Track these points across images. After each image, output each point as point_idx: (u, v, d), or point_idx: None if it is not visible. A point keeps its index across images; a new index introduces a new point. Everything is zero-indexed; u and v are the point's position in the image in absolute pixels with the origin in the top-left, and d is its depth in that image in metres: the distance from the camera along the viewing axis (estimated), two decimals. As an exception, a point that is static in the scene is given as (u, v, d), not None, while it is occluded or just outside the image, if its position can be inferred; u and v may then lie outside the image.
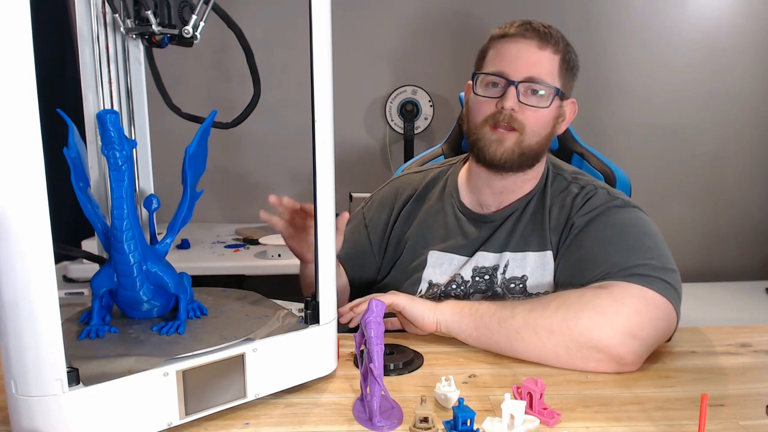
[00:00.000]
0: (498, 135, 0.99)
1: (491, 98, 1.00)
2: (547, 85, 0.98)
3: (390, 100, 2.55)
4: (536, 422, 0.67)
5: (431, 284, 1.08)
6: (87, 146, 0.79)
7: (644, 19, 2.57)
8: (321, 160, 0.73)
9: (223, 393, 0.69)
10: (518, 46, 0.99)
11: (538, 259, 1.02)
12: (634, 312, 0.83)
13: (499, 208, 1.08)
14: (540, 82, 0.98)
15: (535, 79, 0.98)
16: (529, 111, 0.98)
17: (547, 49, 0.99)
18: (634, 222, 0.97)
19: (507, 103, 0.97)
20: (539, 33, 0.99)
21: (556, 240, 1.01)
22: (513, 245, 1.04)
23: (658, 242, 0.94)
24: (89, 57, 0.78)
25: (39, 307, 0.55)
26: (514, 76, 0.98)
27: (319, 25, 0.70)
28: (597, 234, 0.96)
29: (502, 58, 1.00)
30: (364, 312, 0.70)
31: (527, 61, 0.98)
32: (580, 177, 1.08)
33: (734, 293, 2.38)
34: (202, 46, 0.80)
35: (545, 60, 0.99)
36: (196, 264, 1.96)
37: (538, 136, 1.00)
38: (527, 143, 0.99)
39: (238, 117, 0.78)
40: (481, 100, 1.01)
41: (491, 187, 1.07)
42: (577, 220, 0.99)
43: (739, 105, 2.62)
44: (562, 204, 1.03)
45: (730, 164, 2.66)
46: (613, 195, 1.01)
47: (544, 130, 1.01)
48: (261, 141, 2.59)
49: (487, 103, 1.00)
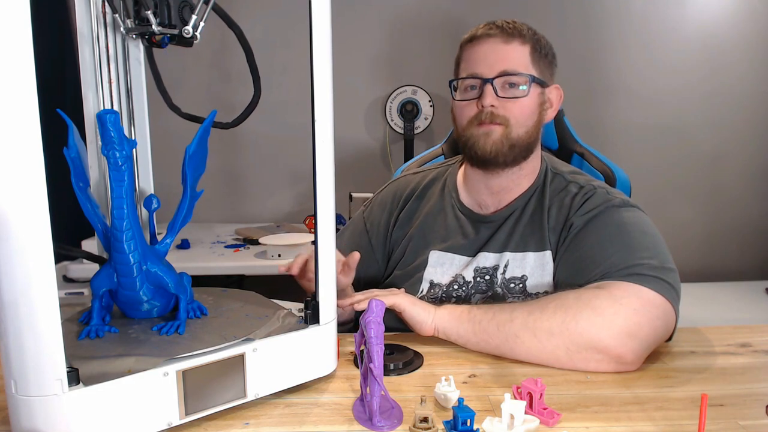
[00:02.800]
0: (484, 129, 1.01)
1: (471, 100, 1.02)
2: (521, 74, 1.00)
3: (390, 100, 2.55)
4: (536, 422, 0.67)
5: (432, 284, 1.08)
6: (87, 146, 0.79)
7: (644, 19, 2.57)
8: (321, 160, 0.73)
9: (223, 393, 0.69)
10: (485, 46, 1.02)
11: (538, 259, 1.02)
12: (632, 312, 0.83)
13: (497, 209, 1.08)
14: (513, 74, 1.00)
15: (507, 71, 1.00)
16: (510, 103, 1.00)
17: (513, 42, 1.01)
18: (632, 221, 0.97)
19: (486, 101, 0.99)
20: (503, 29, 1.01)
21: (555, 240, 1.02)
22: (513, 245, 1.04)
23: (656, 241, 0.94)
24: (89, 57, 0.78)
25: (39, 307, 0.55)
26: (487, 74, 1.00)
27: (319, 25, 0.70)
28: (596, 234, 0.97)
29: (473, 60, 1.02)
30: (364, 312, 0.70)
31: (496, 57, 1.00)
32: (579, 176, 1.08)
33: (734, 293, 2.38)
34: (202, 46, 0.80)
35: (514, 52, 1.01)
36: (196, 264, 1.96)
37: (525, 126, 1.02)
38: (515, 134, 1.01)
39: (238, 117, 0.78)
40: (463, 104, 1.04)
41: (488, 187, 1.08)
42: (576, 220, 0.99)
43: (738, 105, 2.62)
44: (560, 204, 1.04)
45: (729, 164, 2.66)
46: (612, 194, 1.01)
47: (529, 120, 1.02)
48: (261, 141, 2.59)
49: (469, 106, 1.03)
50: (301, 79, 0.88)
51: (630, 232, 0.95)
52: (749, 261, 2.71)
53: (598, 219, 0.98)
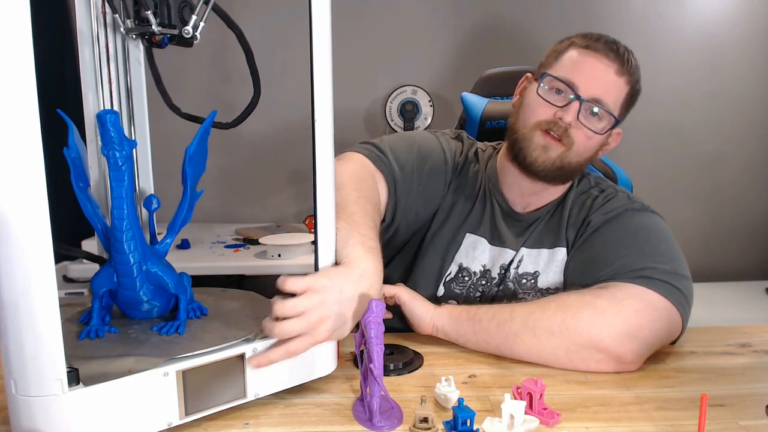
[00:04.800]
0: (546, 141, 0.96)
1: (550, 104, 0.96)
2: (610, 112, 0.96)
3: (390, 100, 2.55)
4: (536, 422, 0.67)
5: (461, 268, 1.06)
6: (87, 146, 0.79)
7: (644, 19, 2.57)
8: (321, 160, 0.72)
9: (223, 393, 0.69)
10: (598, 64, 0.96)
11: (551, 256, 1.02)
12: (632, 313, 0.83)
13: (525, 209, 1.07)
14: (605, 108, 0.95)
15: (601, 103, 0.95)
16: (583, 131, 0.96)
17: (623, 77, 0.97)
18: (650, 226, 0.97)
19: (567, 117, 0.94)
20: (622, 58, 0.96)
21: (572, 236, 1.01)
22: (530, 242, 1.04)
23: (671, 248, 0.93)
24: (89, 57, 0.78)
25: (39, 307, 0.55)
26: (583, 91, 0.94)
27: (319, 25, 0.70)
28: (611, 235, 0.96)
29: (578, 69, 0.96)
30: (364, 312, 0.70)
31: (602, 82, 0.95)
32: (602, 182, 1.08)
33: (734, 293, 2.38)
34: (202, 46, 0.80)
35: (618, 87, 0.97)
36: (196, 264, 1.95)
37: (581, 157, 0.99)
38: (569, 160, 0.97)
39: (238, 117, 0.78)
40: (541, 102, 0.97)
41: (520, 187, 1.05)
42: (594, 218, 0.99)
43: (739, 105, 2.61)
44: (582, 204, 1.04)
45: (730, 164, 2.66)
46: (633, 199, 1.02)
47: (588, 153, 0.99)
48: (261, 141, 2.59)
49: (546, 108, 0.97)
50: (301, 79, 0.88)
51: (646, 236, 0.95)
52: (749, 261, 2.70)
53: (616, 220, 0.98)
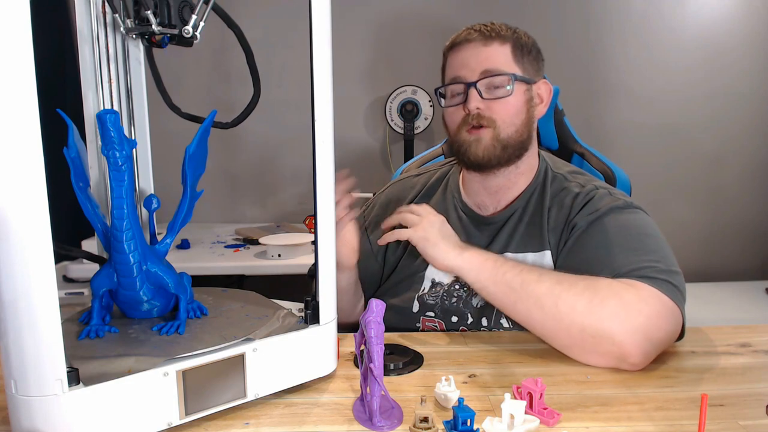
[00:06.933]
0: (473, 135, 1.01)
1: (458, 105, 1.02)
2: (503, 74, 1.00)
3: (390, 100, 2.55)
4: (536, 422, 0.67)
5: (434, 283, 1.08)
6: (87, 146, 0.79)
7: (644, 19, 2.57)
8: (321, 160, 0.73)
9: (223, 393, 0.69)
10: (466, 50, 1.02)
11: (537, 260, 1.02)
12: (654, 314, 0.83)
13: (497, 209, 1.09)
14: (495, 74, 1.00)
15: (489, 73, 1.00)
16: (495, 104, 1.00)
17: (492, 43, 1.01)
18: (636, 224, 0.97)
19: (471, 104, 1.00)
20: (481, 32, 1.02)
21: (555, 240, 1.01)
22: (514, 246, 1.04)
23: (660, 244, 0.94)
24: (89, 57, 0.78)
25: (39, 307, 0.55)
26: (469, 77, 1.00)
27: (319, 25, 0.70)
28: (600, 236, 0.96)
29: (455, 66, 1.03)
30: (364, 312, 0.70)
31: (477, 60, 1.01)
32: (579, 176, 1.08)
33: (734, 293, 2.38)
34: (202, 46, 0.80)
35: (494, 53, 1.01)
36: (196, 264, 1.95)
37: (514, 125, 1.01)
38: (504, 134, 1.01)
39: (238, 117, 0.78)
40: (451, 110, 1.04)
41: (486, 188, 1.08)
42: (579, 221, 0.99)
43: (739, 105, 2.62)
44: (561, 204, 1.03)
45: (730, 164, 2.66)
46: (615, 196, 1.01)
47: (517, 118, 1.02)
48: (261, 141, 2.59)
49: (456, 111, 1.03)
50: (301, 79, 0.88)
51: (634, 234, 0.95)
52: (749, 261, 2.71)
53: (602, 221, 0.97)
